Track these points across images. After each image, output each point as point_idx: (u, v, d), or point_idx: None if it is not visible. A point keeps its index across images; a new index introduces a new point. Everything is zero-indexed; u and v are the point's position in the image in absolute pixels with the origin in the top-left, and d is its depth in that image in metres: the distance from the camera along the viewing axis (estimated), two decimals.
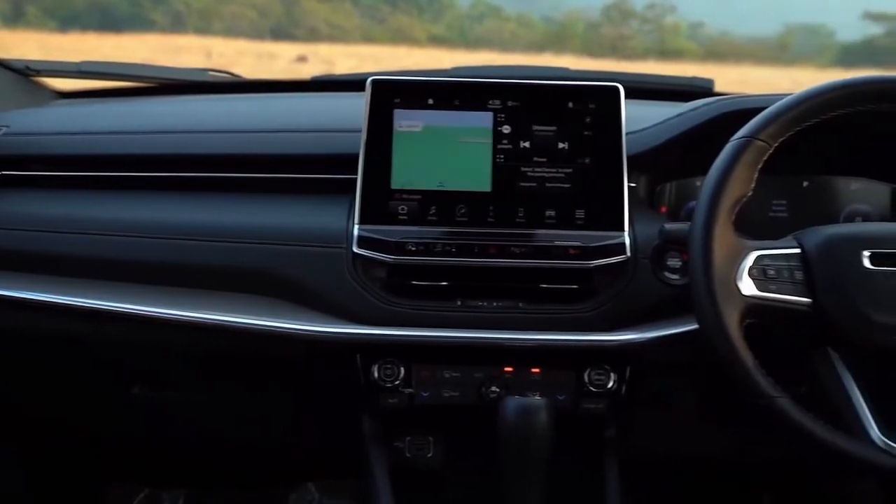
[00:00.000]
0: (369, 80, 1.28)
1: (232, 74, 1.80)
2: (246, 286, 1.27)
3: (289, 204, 1.32)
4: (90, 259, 1.29)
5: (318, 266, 1.24)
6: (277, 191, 1.35)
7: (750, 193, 1.09)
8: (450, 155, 1.26)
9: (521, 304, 1.24)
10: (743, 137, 1.09)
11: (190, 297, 1.26)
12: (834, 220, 1.39)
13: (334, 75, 1.76)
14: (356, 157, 1.26)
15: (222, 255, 1.27)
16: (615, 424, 1.31)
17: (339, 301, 1.23)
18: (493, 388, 1.24)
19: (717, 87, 1.70)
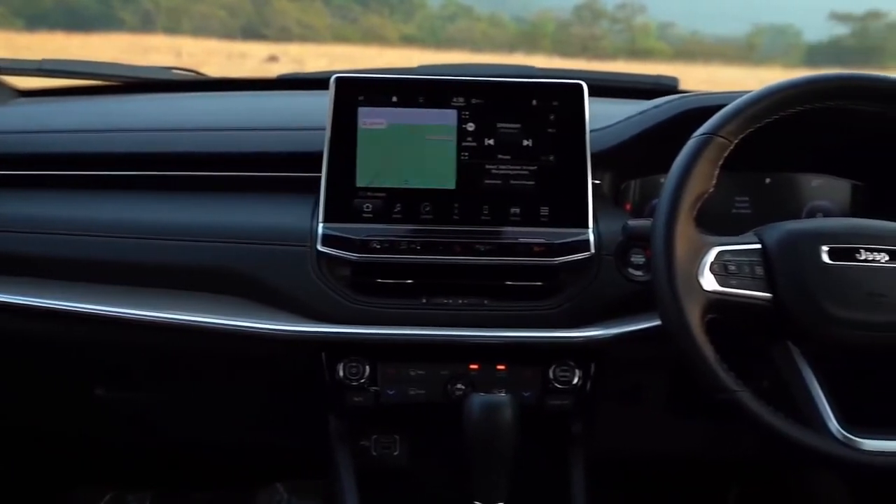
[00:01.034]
0: (333, 77, 1.27)
1: (197, 73, 1.78)
2: (210, 285, 1.27)
3: (253, 202, 1.31)
4: (50, 259, 1.28)
5: (283, 265, 1.24)
6: (242, 189, 1.34)
7: (711, 190, 1.10)
8: (414, 152, 1.26)
9: (486, 302, 1.24)
10: (704, 134, 1.09)
11: (152, 297, 1.25)
12: (796, 216, 1.40)
13: (300, 73, 1.75)
14: (321, 155, 1.25)
15: (186, 255, 1.26)
16: (581, 420, 1.32)
17: (303, 300, 1.23)
18: (459, 386, 1.24)
19: (687, 87, 1.71)
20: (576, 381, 1.25)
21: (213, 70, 1.85)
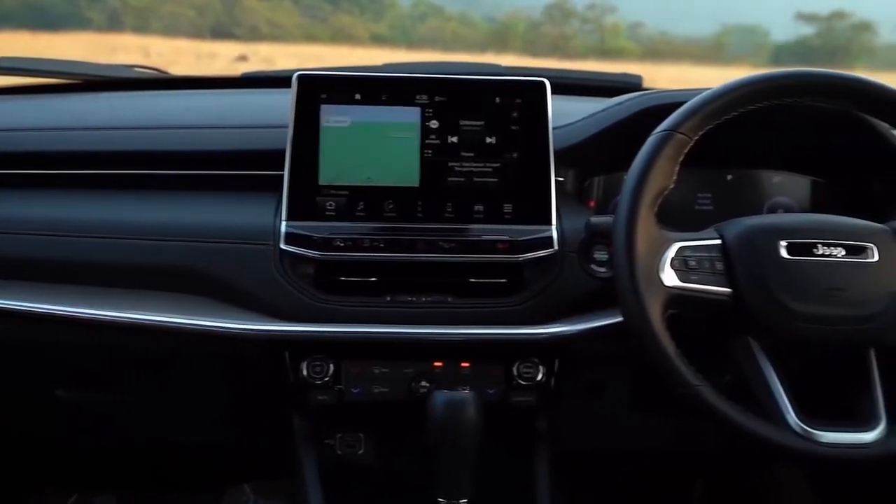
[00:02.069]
0: (295, 75, 1.27)
1: (159, 71, 1.77)
2: (172, 285, 1.26)
3: (215, 201, 1.31)
4: (8, 258, 1.26)
5: (246, 263, 1.23)
6: (204, 188, 1.33)
7: (672, 186, 1.11)
8: (377, 150, 1.26)
9: (450, 299, 1.24)
10: (664, 131, 1.10)
11: (113, 297, 1.23)
12: (757, 212, 1.42)
13: (263, 72, 1.74)
14: (283, 153, 1.25)
15: (147, 254, 1.25)
16: (545, 417, 1.32)
17: (266, 298, 1.22)
18: (423, 383, 1.24)
19: (656, 86, 1.72)
20: (540, 377, 1.26)
21: (183, 70, 1.84)
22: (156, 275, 1.25)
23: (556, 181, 1.28)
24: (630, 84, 1.68)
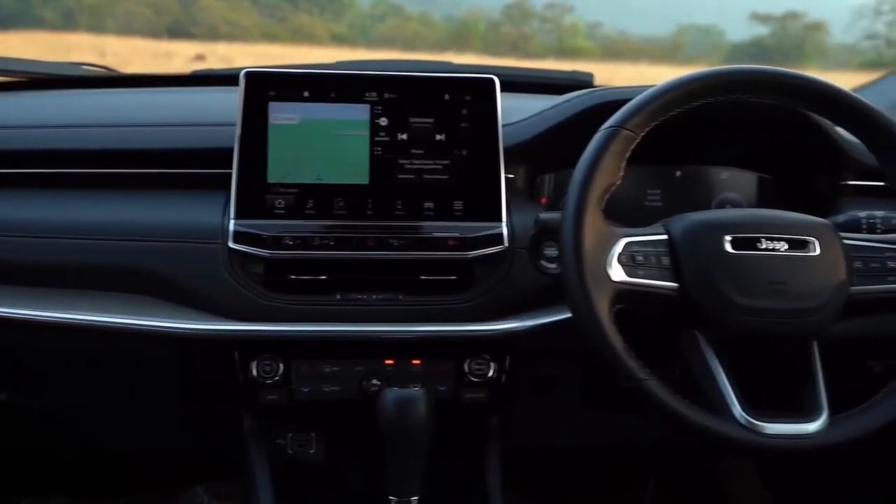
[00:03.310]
0: (242, 72, 1.26)
1: (108, 69, 1.74)
2: (120, 285, 1.24)
3: (164, 200, 1.29)
4: None
5: (194, 263, 1.22)
6: (152, 186, 1.31)
7: (619, 182, 1.11)
8: (327, 148, 1.25)
9: (400, 297, 1.24)
10: (610, 127, 1.11)
11: (55, 297, 1.21)
12: (706, 208, 1.43)
13: (213, 70, 1.73)
14: (232, 151, 1.24)
15: (92, 254, 1.23)
16: (497, 414, 1.32)
17: (215, 298, 1.21)
18: (374, 382, 1.24)
19: (613, 85, 1.73)
20: (491, 374, 1.26)
21: (139, 70, 1.81)
22: (103, 275, 1.23)
23: (507, 178, 1.28)
24: (581, 81, 1.69)
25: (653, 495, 1.82)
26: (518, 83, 1.61)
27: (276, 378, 1.23)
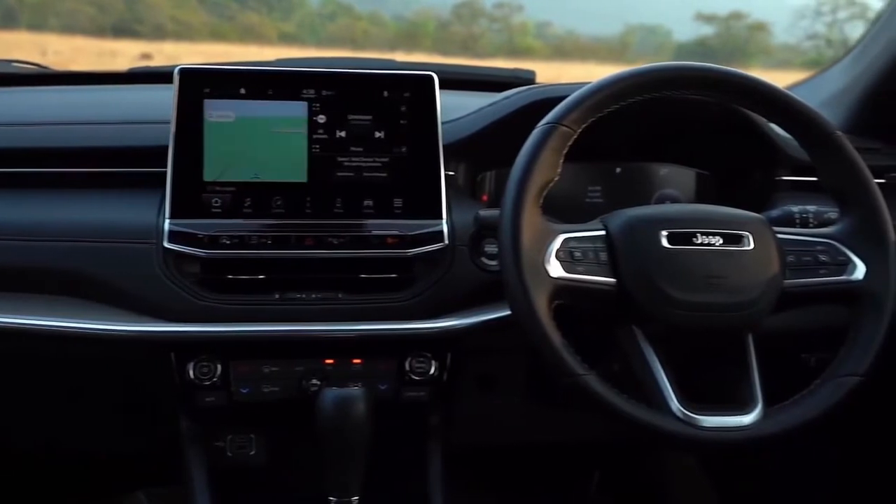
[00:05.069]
0: (177, 69, 1.23)
1: (40, 66, 1.70)
2: (50, 287, 1.21)
3: (96, 199, 1.26)
4: None
5: (128, 263, 1.19)
6: (84, 186, 1.28)
7: (557, 178, 1.11)
8: (264, 146, 1.24)
9: (340, 295, 1.22)
10: (547, 124, 1.11)
11: None
12: (646, 203, 1.44)
13: (150, 67, 1.70)
14: (167, 149, 1.21)
15: (23, 255, 1.20)
16: (439, 412, 1.32)
17: (150, 299, 1.19)
18: (314, 381, 1.22)
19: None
20: (432, 371, 1.25)
21: (82, 69, 1.76)
22: (32, 277, 1.20)
23: (447, 175, 1.28)
24: (523, 79, 1.69)
25: (597, 491, 1.83)
26: (459, 81, 1.61)
27: (214, 379, 1.21)
